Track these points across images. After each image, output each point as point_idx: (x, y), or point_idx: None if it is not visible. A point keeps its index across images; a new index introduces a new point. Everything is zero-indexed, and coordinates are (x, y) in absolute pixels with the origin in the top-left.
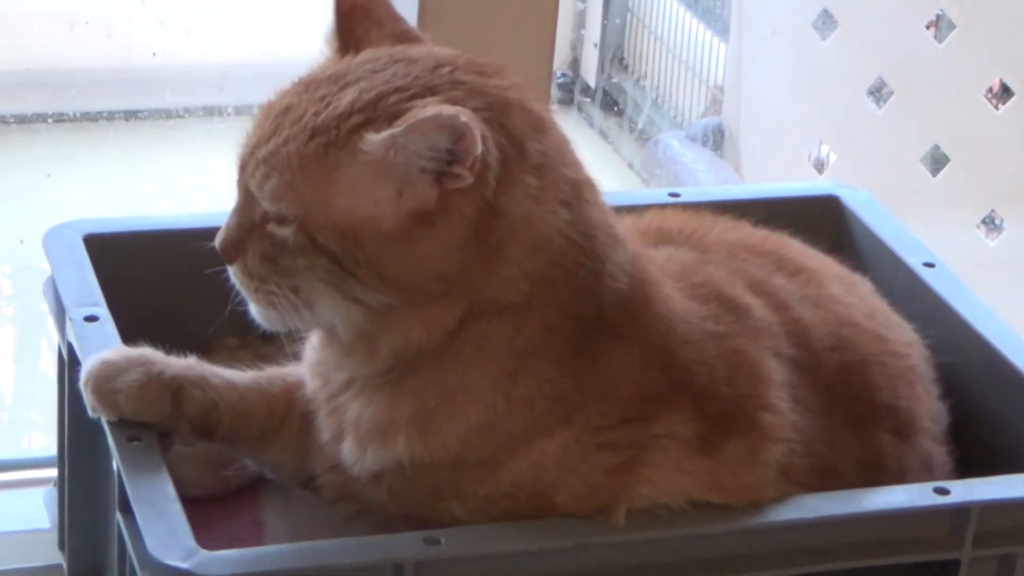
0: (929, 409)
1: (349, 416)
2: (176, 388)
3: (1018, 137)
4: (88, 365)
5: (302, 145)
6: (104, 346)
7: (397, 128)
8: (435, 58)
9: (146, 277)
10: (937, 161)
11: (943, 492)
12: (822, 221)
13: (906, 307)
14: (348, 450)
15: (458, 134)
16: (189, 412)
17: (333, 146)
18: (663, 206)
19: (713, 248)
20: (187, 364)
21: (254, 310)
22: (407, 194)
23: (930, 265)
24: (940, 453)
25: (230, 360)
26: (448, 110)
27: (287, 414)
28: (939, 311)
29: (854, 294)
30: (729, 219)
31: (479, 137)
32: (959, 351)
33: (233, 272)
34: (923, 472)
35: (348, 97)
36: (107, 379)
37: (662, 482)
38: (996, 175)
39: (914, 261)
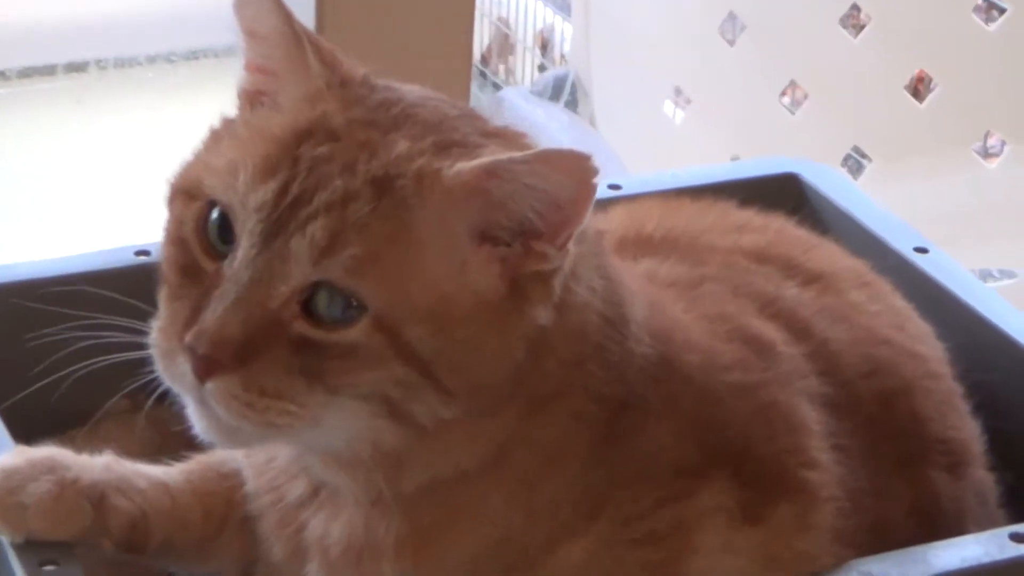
0: (974, 433)
1: (312, 532)
2: (96, 497)
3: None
4: None
5: (371, 200)
6: None
7: (515, 155)
8: (445, 102)
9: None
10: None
11: (1020, 539)
12: (781, 204)
13: None
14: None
15: (584, 187)
16: (113, 526)
17: (409, 195)
18: (606, 201)
19: (707, 256)
20: (105, 464)
21: (216, 428)
22: (480, 251)
23: (923, 250)
24: (989, 480)
25: (123, 430)
26: (581, 152)
27: (227, 516)
28: (940, 302)
29: (876, 299)
30: (707, 203)
31: (593, 199)
32: (974, 348)
33: (217, 386)
34: (979, 507)
35: (401, 142)
36: (10, 492)
37: (714, 568)
38: (855, 108)
39: (903, 246)
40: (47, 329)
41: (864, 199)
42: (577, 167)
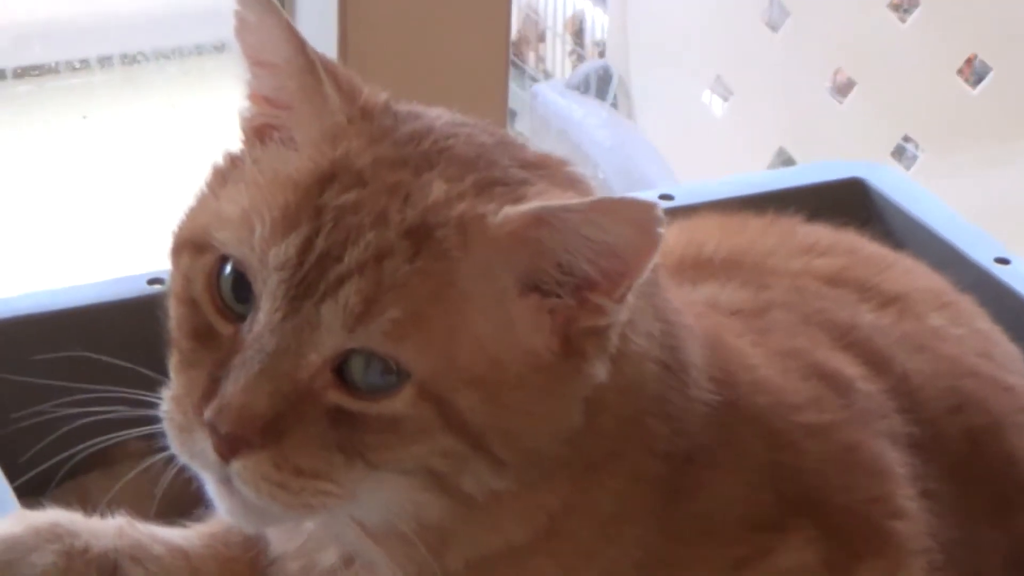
0: None
1: None
2: (109, 569)
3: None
4: None
5: (408, 255)
6: None
7: (570, 202)
8: (478, 129)
9: None
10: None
11: None
12: (845, 212)
13: None
14: None
15: (647, 238)
16: None
17: (452, 247)
18: None
19: (773, 280)
20: (118, 530)
21: (242, 509)
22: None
23: (1004, 261)
24: None
25: (140, 473)
26: (645, 200)
27: None
28: None
29: (959, 322)
30: (770, 217)
31: (658, 252)
32: None
33: (244, 466)
34: None
35: (437, 183)
36: (9, 565)
37: None
38: (904, 96)
39: (982, 257)
40: (53, 377)
41: (938, 205)
42: (640, 217)
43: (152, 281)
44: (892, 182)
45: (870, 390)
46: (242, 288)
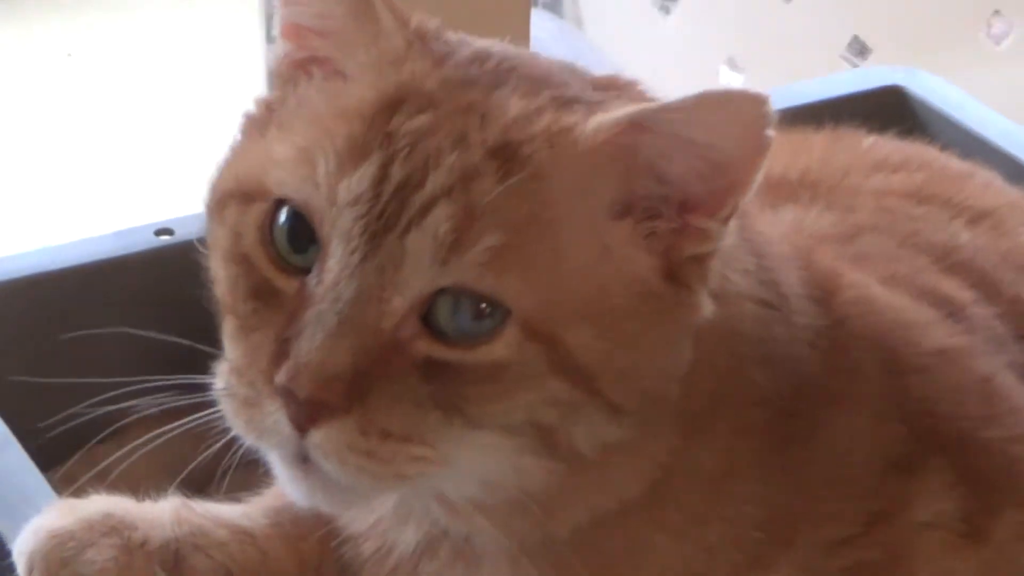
0: None
1: None
2: (171, 560)
3: None
4: (27, 544)
5: (496, 175)
6: (28, 495)
7: (669, 102)
8: (536, 54)
9: None
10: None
11: None
12: (884, 122)
13: None
14: None
15: (757, 141)
16: None
17: (542, 163)
18: None
19: (856, 201)
20: (174, 514)
21: (323, 490)
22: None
23: None
24: None
25: (153, 448)
26: (755, 93)
27: (321, 566)
28: None
29: None
30: (834, 134)
31: (767, 158)
32: None
33: (326, 435)
34: None
35: (513, 100)
36: (63, 563)
37: None
38: None
39: None
40: (59, 330)
41: (985, 111)
42: (749, 114)
43: (160, 232)
44: (934, 88)
45: (987, 315)
46: (299, 238)
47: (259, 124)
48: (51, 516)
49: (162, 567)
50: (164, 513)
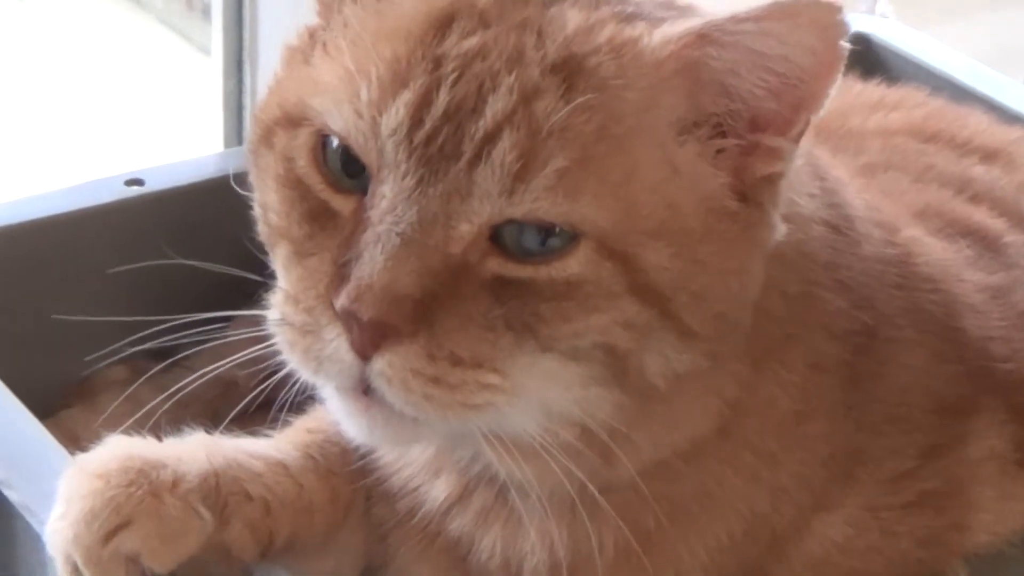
0: None
1: (483, 546)
2: (212, 494)
3: None
4: (56, 543)
5: (560, 91)
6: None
7: (737, 13)
8: None
9: None
10: None
11: None
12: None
13: None
14: None
15: (831, 52)
16: (236, 532)
17: (609, 75)
18: None
19: (863, 142)
20: (206, 449)
21: (384, 423)
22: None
23: None
24: None
25: (125, 403)
26: (825, 1)
27: (353, 499)
28: None
29: None
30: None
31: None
32: None
33: (391, 361)
34: None
35: (571, 13)
36: (105, 538)
37: (1000, 521)
38: None
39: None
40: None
41: (957, 56)
42: (822, 23)
43: (130, 182)
44: (899, 35)
45: (1019, 241)
46: (352, 160)
47: (302, 52)
48: (78, 480)
49: (204, 503)
50: (195, 447)
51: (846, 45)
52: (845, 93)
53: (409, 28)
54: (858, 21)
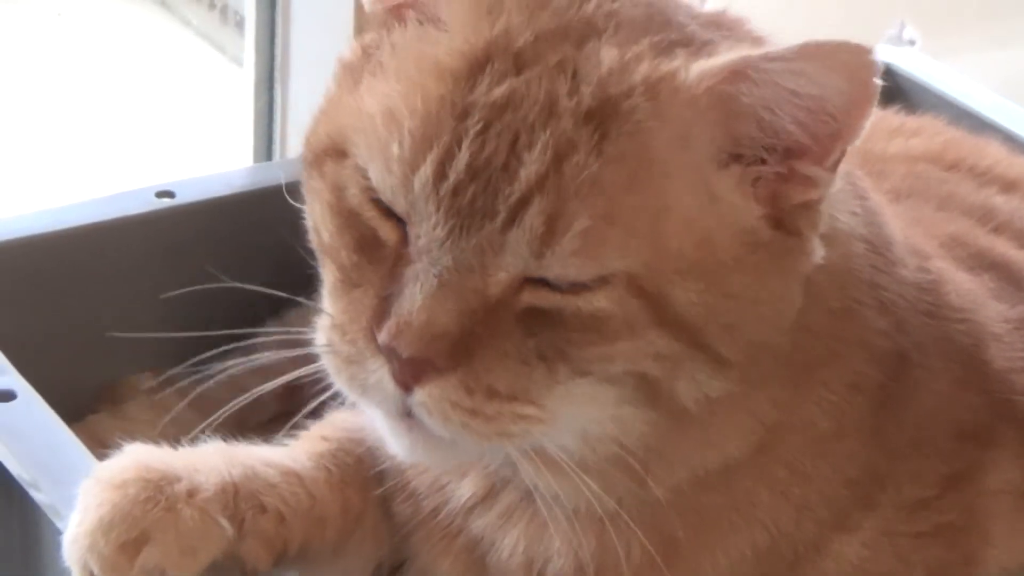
0: None
1: (504, 545)
2: (231, 503)
3: None
4: (72, 557)
5: (592, 142)
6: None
7: (771, 51)
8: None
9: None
10: None
11: None
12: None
13: None
14: None
15: (863, 91)
16: (251, 544)
17: (644, 117)
18: None
19: (885, 167)
20: (224, 456)
21: (425, 446)
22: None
23: None
24: None
25: (152, 411)
26: (858, 44)
27: (364, 510)
28: None
29: None
30: None
31: (874, 106)
32: None
33: (430, 393)
34: None
35: (606, 51)
36: (121, 548)
37: (1011, 558)
38: None
39: None
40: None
41: (977, 88)
42: (854, 64)
43: (161, 194)
44: (922, 66)
45: None
46: None
47: (353, 72)
48: (97, 492)
49: (223, 513)
50: (212, 456)
51: (878, 82)
52: (891, 127)
53: (446, 69)
54: (880, 52)
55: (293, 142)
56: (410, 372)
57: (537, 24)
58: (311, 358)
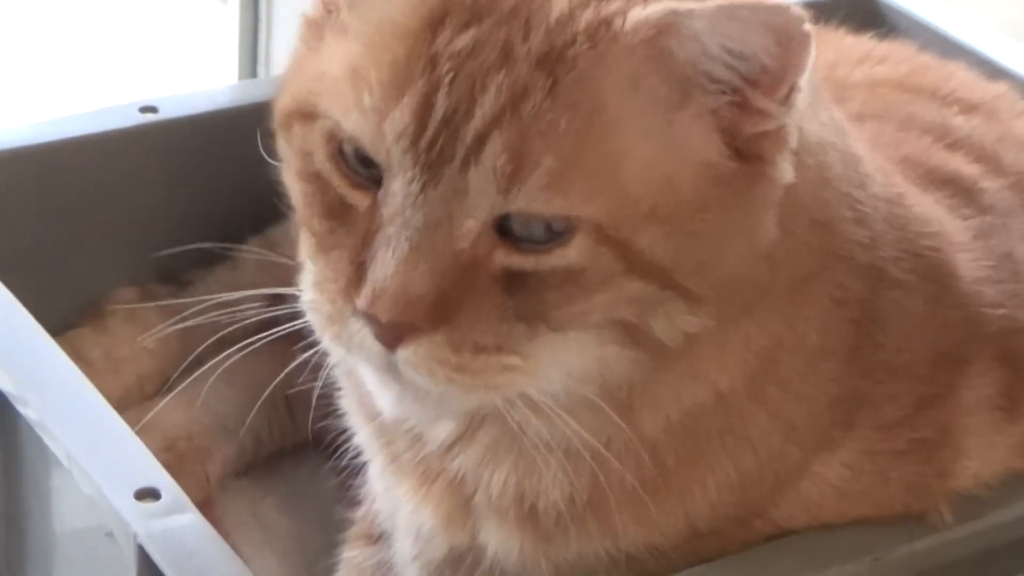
0: None
1: (493, 481)
2: None
3: None
4: None
5: (546, 87)
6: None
7: (696, 6)
8: None
9: None
10: None
11: None
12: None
13: None
14: (496, 539)
15: (793, 44)
16: None
17: (589, 64)
18: None
19: (848, 92)
20: None
21: (413, 400)
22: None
23: None
24: None
25: (131, 324)
26: (777, 4)
27: None
28: None
29: None
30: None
31: (813, 52)
32: None
33: (415, 351)
34: None
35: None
36: None
37: (984, 470)
38: None
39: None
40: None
41: (960, 15)
42: (775, 22)
43: (144, 109)
44: None
45: (994, 187)
46: (366, 156)
47: (316, 29)
48: None
49: None
50: None
51: (808, 28)
52: (836, 45)
53: (407, 24)
54: None
55: (278, 59)
56: (392, 334)
57: None
58: (291, 271)
